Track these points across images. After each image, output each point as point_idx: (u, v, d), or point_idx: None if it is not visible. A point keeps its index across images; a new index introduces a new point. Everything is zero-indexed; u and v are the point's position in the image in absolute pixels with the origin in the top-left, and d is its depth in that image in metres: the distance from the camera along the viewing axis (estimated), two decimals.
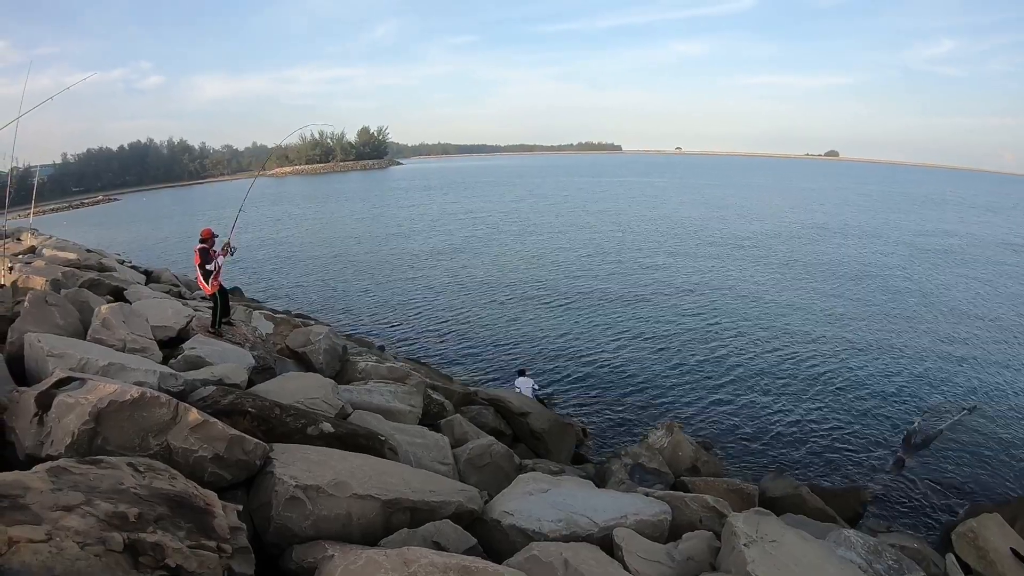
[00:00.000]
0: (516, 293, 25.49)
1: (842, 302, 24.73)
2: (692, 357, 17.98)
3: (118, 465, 3.92)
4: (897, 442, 13.23)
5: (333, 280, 29.34)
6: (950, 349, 19.46)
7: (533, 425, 11.02)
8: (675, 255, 34.09)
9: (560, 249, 35.95)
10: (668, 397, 15.32)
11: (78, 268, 15.74)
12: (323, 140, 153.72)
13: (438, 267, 31.40)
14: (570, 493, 6.41)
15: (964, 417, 14.45)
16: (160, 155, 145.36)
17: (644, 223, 47.71)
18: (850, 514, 9.62)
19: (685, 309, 23.12)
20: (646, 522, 5.95)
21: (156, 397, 4.61)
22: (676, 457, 10.32)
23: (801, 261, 33.07)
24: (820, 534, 6.82)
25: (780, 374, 16.87)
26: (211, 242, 10.42)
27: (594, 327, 20.86)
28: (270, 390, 7.22)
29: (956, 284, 28.91)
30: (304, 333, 11.66)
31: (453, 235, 42.31)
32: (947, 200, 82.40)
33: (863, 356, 18.48)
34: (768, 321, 21.70)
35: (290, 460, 4.95)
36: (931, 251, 37.67)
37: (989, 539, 7.47)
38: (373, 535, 4.79)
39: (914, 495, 11.39)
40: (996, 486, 11.74)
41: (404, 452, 6.89)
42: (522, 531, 5.41)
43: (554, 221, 49.12)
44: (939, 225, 51.54)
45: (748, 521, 5.68)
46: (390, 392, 9.09)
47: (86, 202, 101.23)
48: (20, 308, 7.85)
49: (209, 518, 3.74)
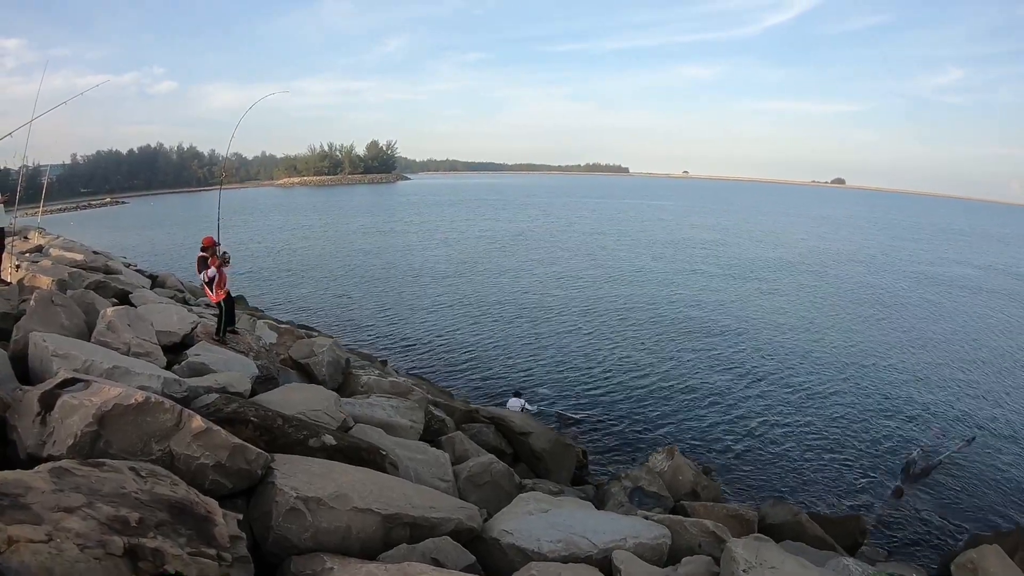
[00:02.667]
0: (520, 313, 25.52)
1: (845, 330, 24.70)
2: (693, 381, 17.93)
3: (120, 469, 3.90)
4: (897, 471, 13.18)
5: (338, 293, 29.38)
6: (951, 379, 19.40)
7: (534, 445, 10.96)
8: (681, 279, 34.17)
9: (565, 270, 36.03)
10: (669, 421, 15.26)
11: (84, 269, 15.79)
12: (332, 152, 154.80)
13: (443, 284, 31.47)
14: (570, 514, 6.37)
15: (964, 447, 14.39)
16: (169, 160, 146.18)
17: (651, 246, 47.82)
18: (849, 542, 9.54)
19: (689, 334, 23.10)
20: (645, 545, 5.91)
21: (160, 402, 4.60)
22: (676, 481, 10.25)
23: (805, 288, 33.11)
24: (819, 562, 6.77)
25: (781, 400, 16.80)
26: (211, 250, 10.38)
27: (597, 349, 20.83)
28: (273, 400, 7.20)
29: (960, 313, 28.88)
30: (308, 344, 11.66)
31: (459, 253, 42.44)
32: (954, 229, 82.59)
33: (865, 384, 18.43)
34: (770, 347, 21.65)
35: (291, 471, 4.92)
36: (936, 280, 37.70)
37: (988, 570, 7.38)
38: (372, 549, 4.75)
39: (913, 524, 11.32)
40: (995, 517, 11.68)
41: (405, 467, 6.86)
42: (521, 550, 5.37)
43: (561, 242, 49.22)
44: (948, 254, 51.61)
45: (748, 547, 5.65)
46: (392, 407, 9.06)
47: (94, 203, 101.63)
48: (26, 306, 7.87)
49: (210, 526, 3.72)
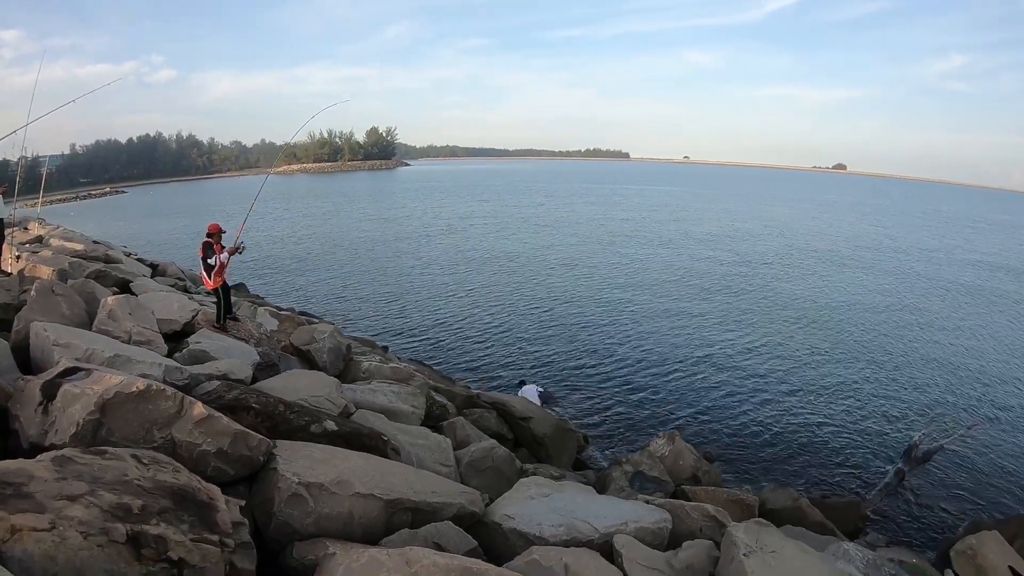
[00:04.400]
0: (522, 299, 25.48)
1: (849, 315, 24.66)
2: (695, 367, 17.95)
3: (122, 456, 3.92)
4: (898, 457, 13.18)
5: (338, 279, 29.35)
6: (954, 365, 19.39)
7: (535, 430, 11.00)
8: (685, 265, 34.06)
9: (568, 256, 35.92)
10: (670, 406, 15.28)
11: (85, 259, 15.78)
12: (332, 139, 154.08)
13: (444, 270, 31.41)
14: (571, 499, 6.41)
15: (965, 434, 14.37)
16: (168, 149, 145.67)
17: (657, 233, 47.58)
18: (850, 527, 9.60)
19: (690, 319, 23.08)
20: (646, 530, 5.94)
21: (162, 390, 4.61)
22: (677, 466, 10.29)
23: (809, 274, 33.01)
24: (820, 546, 6.79)
25: (783, 386, 16.82)
26: (217, 237, 10.39)
27: (598, 334, 20.83)
28: (274, 387, 7.22)
29: (967, 298, 28.82)
30: (308, 331, 11.67)
31: (460, 239, 42.25)
32: (960, 216, 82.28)
33: (867, 370, 18.43)
34: (774, 333, 21.64)
35: (293, 457, 4.95)
36: (941, 264, 37.57)
37: (988, 557, 7.41)
38: (374, 534, 4.79)
39: (914, 510, 11.35)
40: (996, 504, 11.69)
41: (406, 453, 6.89)
42: (523, 535, 5.40)
43: (562, 228, 49.06)
44: (950, 241, 51.43)
45: (748, 531, 5.67)
46: (393, 392, 9.09)
47: (93, 193, 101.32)
48: (26, 297, 7.88)
49: (212, 512, 3.74)
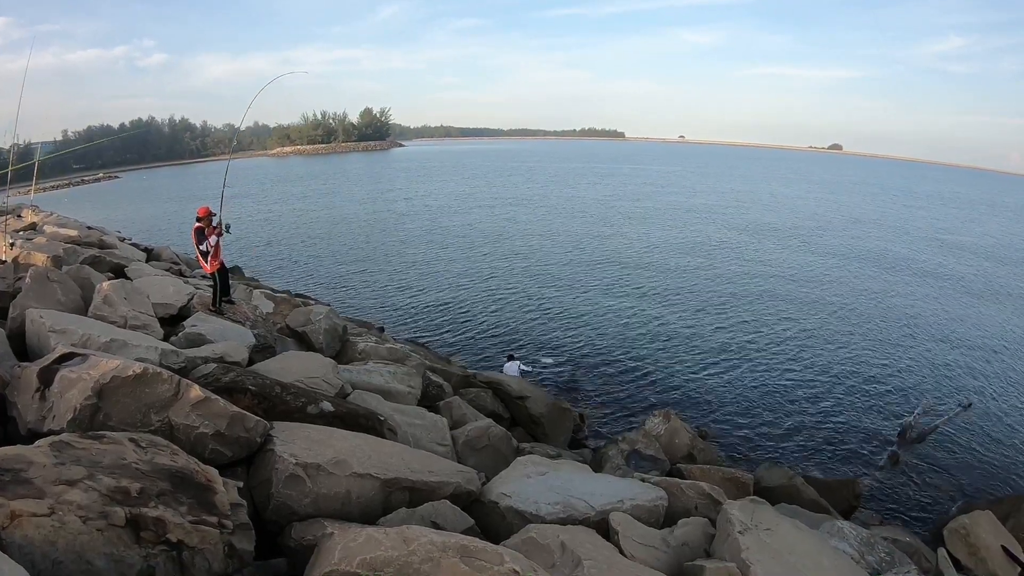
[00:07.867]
0: (517, 279, 25.48)
1: (843, 295, 24.73)
2: (691, 346, 18.04)
3: (120, 440, 3.94)
4: (893, 436, 13.31)
5: (334, 261, 29.30)
6: (950, 345, 19.50)
7: (531, 409, 11.07)
8: (682, 245, 34.01)
9: (562, 235, 35.83)
10: (666, 385, 15.37)
11: (79, 245, 15.73)
12: (325, 121, 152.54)
13: (440, 251, 31.34)
14: (567, 477, 6.46)
15: (960, 414, 14.50)
16: (161, 133, 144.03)
17: (650, 210, 47.51)
18: (844, 506, 9.69)
19: (686, 299, 23.14)
20: (642, 507, 6.01)
21: (158, 373, 4.62)
22: (673, 444, 10.38)
23: (805, 253, 33.02)
24: (814, 524, 6.89)
25: (779, 365, 16.92)
26: (207, 220, 10.29)
27: (594, 314, 20.88)
28: (271, 368, 7.24)
29: (959, 280, 28.91)
30: (304, 313, 11.66)
31: (455, 219, 42.08)
32: (959, 198, 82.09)
33: (862, 350, 18.53)
34: (768, 313, 21.72)
35: (290, 438, 4.97)
36: (938, 245, 37.64)
37: (980, 536, 7.54)
38: (372, 514, 4.83)
39: (908, 489, 11.48)
40: (989, 483, 11.83)
41: (403, 432, 6.94)
42: (519, 513, 5.46)
43: (557, 207, 48.85)
44: (949, 223, 51.37)
45: (743, 509, 5.74)
46: (389, 373, 9.12)
47: (87, 179, 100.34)
48: (21, 284, 7.83)
49: (210, 494, 3.77)
